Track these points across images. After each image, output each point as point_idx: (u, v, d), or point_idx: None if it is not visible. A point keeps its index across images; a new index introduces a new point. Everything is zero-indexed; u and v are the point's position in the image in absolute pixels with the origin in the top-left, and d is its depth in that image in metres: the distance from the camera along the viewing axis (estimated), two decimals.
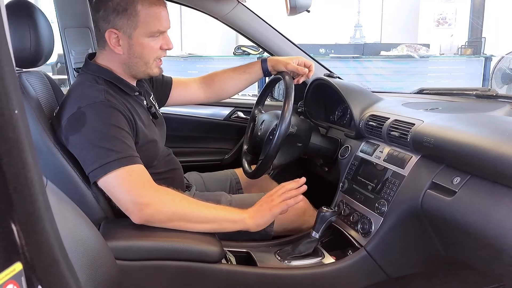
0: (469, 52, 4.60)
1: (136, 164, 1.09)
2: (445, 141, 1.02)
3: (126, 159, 1.07)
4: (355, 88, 1.54)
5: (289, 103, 1.32)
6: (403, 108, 1.37)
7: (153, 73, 1.26)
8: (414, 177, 1.12)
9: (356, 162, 1.38)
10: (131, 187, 1.07)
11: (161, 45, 1.22)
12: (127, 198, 1.07)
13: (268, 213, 1.17)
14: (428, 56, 4.55)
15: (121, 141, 1.10)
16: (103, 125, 1.09)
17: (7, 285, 0.32)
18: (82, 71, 1.25)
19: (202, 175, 1.69)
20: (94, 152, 1.07)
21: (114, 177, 1.06)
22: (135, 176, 1.08)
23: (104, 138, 1.07)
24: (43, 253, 0.36)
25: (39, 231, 0.35)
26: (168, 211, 1.08)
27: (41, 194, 0.35)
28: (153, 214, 1.07)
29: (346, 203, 1.34)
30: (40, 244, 0.35)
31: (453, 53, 4.87)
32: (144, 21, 1.16)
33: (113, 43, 1.18)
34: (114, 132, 1.09)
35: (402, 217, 1.13)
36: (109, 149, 1.06)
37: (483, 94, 1.44)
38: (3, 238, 0.33)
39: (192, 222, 1.11)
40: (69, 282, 0.37)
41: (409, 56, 4.48)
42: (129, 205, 1.07)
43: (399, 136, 1.19)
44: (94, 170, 1.06)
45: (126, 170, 1.06)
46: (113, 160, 1.06)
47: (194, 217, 1.11)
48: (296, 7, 1.05)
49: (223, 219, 1.14)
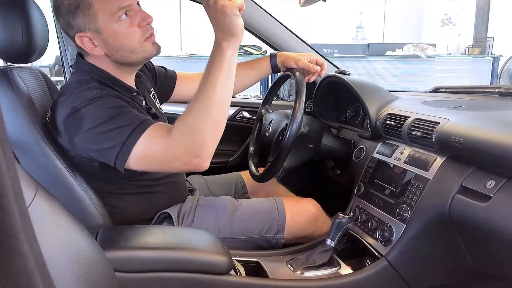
0: (477, 52, 4.51)
1: (150, 127, 0.97)
2: (477, 141, 0.93)
3: (141, 126, 0.96)
4: (370, 86, 1.45)
5: (300, 101, 1.23)
6: (423, 106, 1.27)
7: (149, 55, 1.12)
8: (440, 181, 1.03)
9: (372, 164, 1.29)
10: (159, 151, 0.96)
11: (138, 22, 1.06)
12: (166, 162, 0.97)
13: (222, 16, 0.91)
14: (435, 56, 4.45)
15: (127, 112, 1.00)
16: (104, 112, 0.98)
17: None
18: (74, 70, 1.15)
19: (205, 178, 1.60)
20: (107, 137, 0.96)
21: (139, 151, 0.95)
22: (155, 139, 0.96)
23: (110, 121, 0.97)
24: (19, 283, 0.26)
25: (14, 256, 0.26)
26: (196, 135, 0.94)
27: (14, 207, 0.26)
28: (194, 151, 0.94)
29: (362, 209, 1.25)
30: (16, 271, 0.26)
31: (460, 53, 4.78)
32: (100, 7, 1.02)
33: (89, 46, 1.06)
34: (117, 110, 0.99)
35: (427, 224, 1.03)
36: (120, 126, 0.96)
37: (507, 92, 1.35)
38: None
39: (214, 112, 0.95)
40: None
41: (415, 56, 4.39)
42: (174, 163, 0.97)
43: (422, 136, 1.10)
44: (118, 154, 0.96)
45: (147, 136, 0.96)
46: (130, 134, 0.95)
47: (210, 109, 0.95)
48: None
49: (216, 75, 0.95)
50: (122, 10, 1.04)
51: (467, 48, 4.74)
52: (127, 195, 1.20)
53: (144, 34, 1.08)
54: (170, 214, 1.23)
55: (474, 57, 4.54)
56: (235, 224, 1.25)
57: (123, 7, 1.03)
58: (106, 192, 1.16)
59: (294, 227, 1.29)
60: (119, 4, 1.03)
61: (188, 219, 1.23)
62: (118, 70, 1.13)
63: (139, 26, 1.07)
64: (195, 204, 1.28)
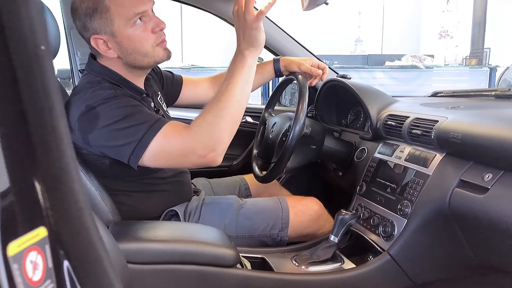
0: (474, 63, 4.58)
1: (166, 125, 1.02)
2: (474, 136, 0.97)
3: (157, 123, 1.01)
4: (370, 89, 1.49)
5: (303, 103, 1.27)
6: (422, 107, 1.32)
7: (160, 59, 1.17)
8: (440, 176, 1.07)
9: (374, 164, 1.33)
10: (177, 147, 1.02)
11: (151, 28, 1.12)
12: (183, 156, 1.03)
13: (252, 30, 1.03)
14: (433, 67, 4.53)
15: (142, 111, 1.05)
16: (120, 110, 1.02)
17: (30, 251, 0.27)
18: (86, 72, 1.19)
19: (210, 180, 1.64)
20: (122, 135, 1.00)
21: (155, 148, 1.00)
22: (172, 135, 1.02)
23: (125, 119, 1.01)
24: (70, 218, 0.30)
25: (67, 192, 0.30)
26: (214, 131, 1.01)
27: (69, 148, 0.30)
28: (211, 145, 1.00)
29: (365, 206, 1.28)
30: (68, 207, 0.30)
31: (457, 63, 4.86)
32: (117, 12, 1.07)
33: (103, 48, 1.11)
34: (132, 109, 1.04)
35: (428, 218, 1.07)
36: (136, 124, 1.00)
37: (503, 94, 1.40)
38: (24, 198, 0.28)
39: (233, 111, 1.03)
40: (100, 255, 0.31)
41: (414, 67, 4.46)
42: (190, 157, 1.02)
43: (421, 134, 1.14)
44: (134, 151, 1.00)
45: (163, 134, 1.00)
46: (146, 131, 1.00)
47: (230, 108, 1.02)
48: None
49: (237, 78, 1.04)
50: (138, 16, 1.09)
51: (464, 59, 4.82)
52: (135, 192, 1.23)
53: (157, 39, 1.14)
54: (177, 211, 1.26)
55: (472, 67, 4.61)
56: (240, 221, 1.28)
57: (139, 13, 1.09)
58: (116, 190, 1.19)
59: (297, 225, 1.32)
60: (135, 10, 1.08)
61: (195, 217, 1.27)
62: (129, 72, 1.17)
63: (152, 31, 1.12)
64: (201, 202, 1.31)
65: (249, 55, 1.06)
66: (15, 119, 0.28)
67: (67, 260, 0.30)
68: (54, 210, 0.29)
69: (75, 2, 1.08)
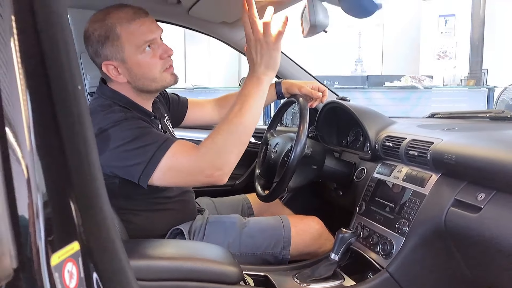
0: (472, 83, 4.67)
1: (174, 144, 1.07)
2: (467, 157, 1.02)
3: (166, 143, 1.06)
4: (369, 111, 1.55)
5: (304, 124, 1.32)
6: (418, 129, 1.37)
7: (168, 84, 1.22)
8: (436, 196, 1.11)
9: (373, 184, 1.37)
10: (185, 166, 1.07)
11: (159, 55, 1.17)
12: (191, 175, 1.08)
13: (273, 51, 1.07)
14: (432, 87, 4.60)
15: (151, 132, 1.09)
16: (130, 132, 1.07)
17: (67, 262, 0.31)
18: (97, 95, 1.24)
19: (213, 200, 1.68)
20: (133, 155, 1.05)
21: (164, 167, 1.04)
22: (181, 154, 1.06)
23: (135, 140, 1.06)
24: (99, 234, 0.34)
25: (97, 211, 0.34)
26: (223, 152, 1.05)
27: (99, 173, 0.35)
28: (218, 166, 1.05)
29: (364, 225, 1.32)
30: (97, 225, 0.34)
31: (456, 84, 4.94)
32: (128, 40, 1.13)
33: (113, 74, 1.16)
34: (142, 130, 1.09)
35: (425, 236, 1.10)
36: (145, 145, 1.05)
37: (497, 116, 1.45)
38: (61, 216, 0.32)
39: (243, 134, 1.08)
40: (124, 266, 0.35)
41: (413, 87, 4.54)
42: (198, 176, 1.07)
43: (417, 155, 1.19)
44: (144, 171, 1.04)
45: (172, 153, 1.05)
46: (156, 151, 1.04)
47: (240, 132, 1.07)
48: (316, 25, 1.07)
49: (250, 102, 1.07)
50: (147, 43, 1.15)
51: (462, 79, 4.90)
52: (142, 211, 1.27)
53: (164, 65, 1.19)
54: (182, 230, 1.30)
55: (470, 88, 4.69)
56: (243, 240, 1.32)
57: (148, 41, 1.15)
58: (124, 209, 1.23)
59: (299, 244, 1.35)
60: (144, 38, 1.14)
61: (199, 235, 1.30)
62: (138, 96, 1.23)
63: (160, 57, 1.18)
64: (205, 221, 1.35)
65: (265, 79, 1.09)
66: (55, 150, 0.33)
67: (96, 272, 0.35)
68: (86, 227, 0.34)
69: (88, 30, 1.15)
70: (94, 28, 1.13)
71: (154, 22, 1.18)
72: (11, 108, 0.31)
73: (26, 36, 0.31)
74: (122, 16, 1.12)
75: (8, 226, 0.28)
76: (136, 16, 1.13)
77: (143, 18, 1.15)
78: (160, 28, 1.19)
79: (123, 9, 1.14)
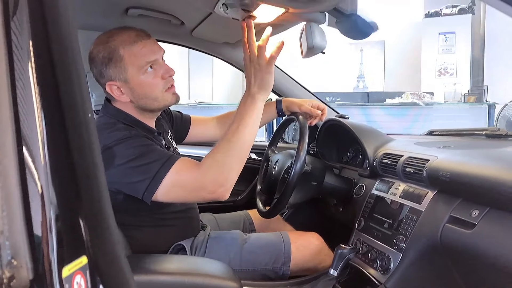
0: (472, 100, 4.70)
1: (177, 161, 1.11)
2: (461, 175, 1.05)
3: (169, 161, 1.10)
4: (367, 128, 1.58)
5: (303, 142, 1.35)
6: (416, 146, 1.40)
7: (169, 103, 1.27)
8: (432, 212, 1.13)
9: (371, 200, 1.39)
10: (188, 182, 1.10)
11: (161, 75, 1.22)
12: (194, 192, 1.11)
13: (265, 74, 1.13)
14: (433, 103, 4.65)
15: (155, 150, 1.13)
16: (134, 149, 1.11)
17: (76, 275, 0.34)
18: (102, 114, 1.28)
19: (215, 215, 1.70)
20: (137, 172, 1.09)
21: (168, 184, 1.08)
22: (184, 172, 1.10)
23: (140, 157, 1.10)
24: (106, 250, 0.38)
25: (104, 229, 0.38)
26: (224, 169, 1.09)
27: (106, 193, 0.38)
28: (219, 182, 1.09)
29: (363, 241, 1.34)
30: (104, 241, 0.37)
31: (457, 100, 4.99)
32: (130, 61, 1.17)
33: (117, 93, 1.21)
34: (146, 148, 1.12)
35: (422, 252, 1.12)
36: (149, 162, 1.09)
37: (493, 133, 1.48)
38: (72, 232, 0.36)
39: (241, 151, 1.12)
40: (128, 280, 0.39)
41: (414, 104, 4.58)
42: (201, 192, 1.11)
43: (414, 172, 1.22)
44: (148, 187, 1.08)
45: (175, 170, 1.09)
46: (160, 168, 1.08)
47: (239, 149, 1.11)
48: (313, 47, 1.11)
49: (247, 120, 1.13)
50: (149, 64, 1.19)
51: (463, 96, 4.95)
52: (145, 227, 1.30)
53: (166, 85, 1.24)
54: (184, 246, 1.33)
55: (471, 104, 4.73)
56: (244, 255, 1.34)
57: (150, 61, 1.19)
58: (127, 224, 1.26)
59: (299, 259, 1.37)
60: (146, 59, 1.19)
61: (201, 251, 1.33)
62: (141, 114, 1.27)
63: (162, 77, 1.22)
64: (207, 237, 1.38)
65: (260, 98, 1.15)
66: (67, 172, 0.36)
67: (102, 284, 0.38)
68: (93, 242, 0.37)
69: (93, 52, 1.20)
70: (98, 50, 1.18)
71: (156, 43, 1.23)
72: (29, 132, 0.34)
73: (43, 69, 0.35)
74: (125, 38, 1.17)
75: (25, 241, 0.32)
76: (138, 38, 1.18)
77: (145, 40, 1.19)
78: (162, 49, 1.24)
79: (126, 32, 1.19)
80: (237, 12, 1.13)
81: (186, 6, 1.42)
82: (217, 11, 1.19)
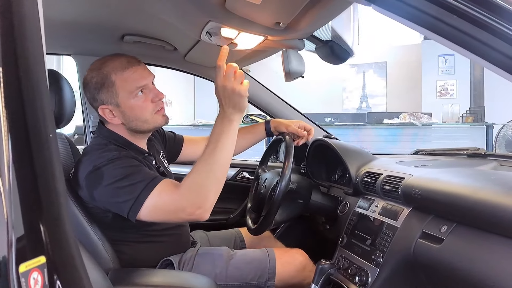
0: (470, 120, 4.74)
1: (160, 183, 1.15)
2: (431, 192, 1.09)
3: (152, 182, 1.14)
4: (351, 148, 1.64)
5: (289, 161, 1.41)
6: (396, 165, 1.45)
7: (159, 125, 1.34)
8: (406, 228, 1.18)
9: (354, 218, 1.44)
10: (167, 204, 1.14)
11: (151, 98, 1.28)
12: (174, 213, 1.15)
13: (237, 97, 1.14)
14: (431, 124, 4.69)
15: (140, 171, 1.18)
16: (122, 170, 1.17)
17: (33, 271, 0.40)
18: (96, 135, 1.36)
19: (207, 233, 1.75)
20: (123, 192, 1.14)
21: (149, 205, 1.12)
22: (165, 193, 1.14)
23: (126, 178, 1.15)
24: (63, 251, 0.44)
25: (62, 232, 0.44)
26: (201, 190, 1.12)
27: (65, 202, 0.44)
28: (198, 204, 1.12)
29: (345, 257, 1.38)
30: (61, 243, 0.44)
31: (454, 121, 5.03)
32: (121, 86, 1.25)
33: (109, 116, 1.28)
34: (132, 169, 1.18)
35: (397, 267, 1.17)
36: (134, 183, 1.13)
37: (473, 153, 1.53)
38: (32, 234, 0.42)
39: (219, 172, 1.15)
40: (82, 277, 0.45)
41: (411, 124, 4.63)
42: (180, 214, 1.14)
43: (391, 190, 1.27)
44: (131, 207, 1.12)
45: (157, 192, 1.13)
46: (143, 189, 1.12)
47: (216, 170, 1.14)
48: (290, 72, 1.19)
49: (223, 141, 1.15)
50: (139, 89, 1.27)
51: (461, 116, 4.99)
52: (135, 243, 1.35)
53: (156, 107, 1.31)
54: (172, 261, 1.38)
55: (472, 125, 4.76)
56: (230, 270, 1.38)
57: (140, 86, 1.27)
58: (117, 240, 1.32)
59: (283, 275, 1.41)
60: (137, 84, 1.26)
61: (188, 266, 1.37)
62: (132, 136, 1.34)
63: (152, 101, 1.30)
64: (195, 253, 1.43)
65: (235, 119, 1.18)
66: (29, 182, 0.43)
67: (59, 281, 0.44)
68: (52, 244, 0.43)
69: (87, 78, 1.28)
70: (91, 76, 1.26)
71: (146, 69, 1.31)
72: None
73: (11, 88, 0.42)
74: (117, 65, 1.25)
75: None
76: (130, 64, 1.26)
77: (136, 66, 1.27)
78: (152, 74, 1.32)
79: (118, 58, 1.27)
80: (219, 40, 1.21)
81: (177, 33, 1.51)
82: (203, 38, 1.27)
